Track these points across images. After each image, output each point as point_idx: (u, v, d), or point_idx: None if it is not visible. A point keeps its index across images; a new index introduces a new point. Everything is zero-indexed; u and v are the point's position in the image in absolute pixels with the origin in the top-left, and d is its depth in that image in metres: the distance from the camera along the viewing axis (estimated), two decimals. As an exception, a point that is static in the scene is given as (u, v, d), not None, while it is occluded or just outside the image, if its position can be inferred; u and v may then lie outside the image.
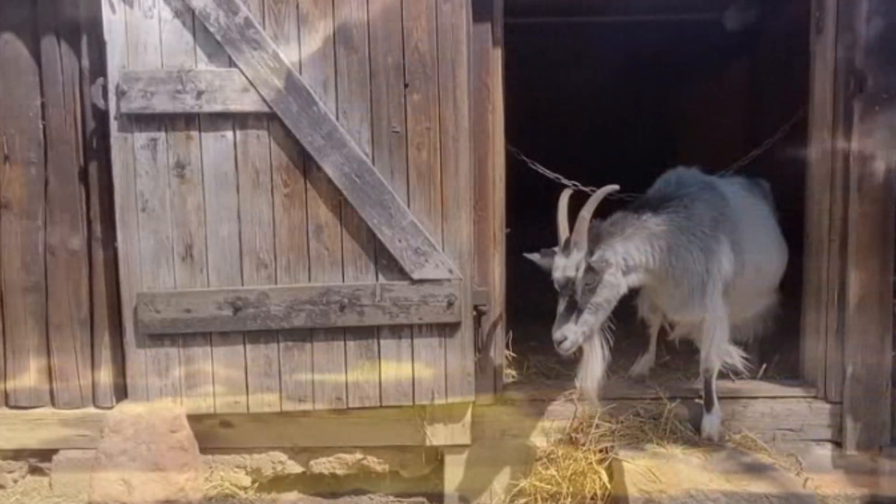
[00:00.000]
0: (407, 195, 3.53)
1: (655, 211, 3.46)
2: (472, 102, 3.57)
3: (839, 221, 3.67)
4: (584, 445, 3.58)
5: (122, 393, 3.67)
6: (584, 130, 7.53)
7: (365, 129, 3.51)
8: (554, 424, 3.74)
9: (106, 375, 3.74)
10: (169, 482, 3.42)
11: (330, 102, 3.49)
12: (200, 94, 3.43)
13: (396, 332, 3.58)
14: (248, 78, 3.43)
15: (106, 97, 3.49)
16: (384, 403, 3.61)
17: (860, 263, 3.62)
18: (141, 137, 3.47)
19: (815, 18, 3.73)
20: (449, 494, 3.76)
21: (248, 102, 3.45)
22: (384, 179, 3.50)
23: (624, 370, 4.09)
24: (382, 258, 3.54)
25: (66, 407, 3.76)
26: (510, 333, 4.02)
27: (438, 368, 3.61)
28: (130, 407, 3.53)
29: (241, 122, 3.49)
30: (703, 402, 3.71)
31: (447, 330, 3.59)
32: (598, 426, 3.64)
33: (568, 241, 3.30)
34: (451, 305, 3.54)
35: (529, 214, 4.66)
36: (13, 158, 3.67)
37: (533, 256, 3.47)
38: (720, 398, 3.71)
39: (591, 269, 3.25)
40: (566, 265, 3.27)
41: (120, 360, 3.68)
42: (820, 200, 3.76)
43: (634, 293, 3.69)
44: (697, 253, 3.47)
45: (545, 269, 3.39)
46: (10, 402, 3.78)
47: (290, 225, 3.53)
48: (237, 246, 3.53)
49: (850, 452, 3.70)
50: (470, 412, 3.71)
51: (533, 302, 4.24)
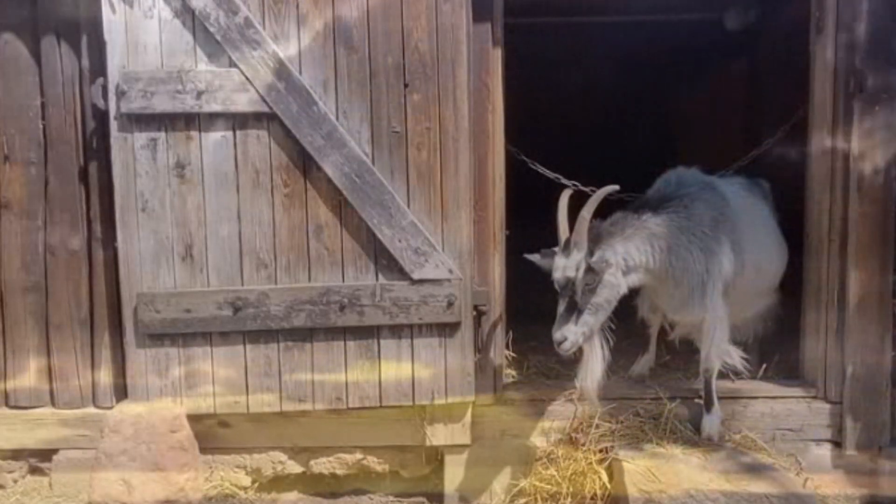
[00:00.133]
0: (407, 195, 3.53)
1: (655, 211, 3.47)
2: (472, 102, 3.57)
3: (839, 221, 3.67)
4: (584, 445, 3.58)
5: (122, 393, 3.67)
6: (584, 130, 7.52)
7: (365, 129, 3.51)
8: (554, 424, 3.74)
9: (106, 375, 3.74)
10: (169, 482, 3.42)
11: (330, 102, 3.49)
12: (200, 94, 3.43)
13: (396, 332, 3.58)
14: (248, 78, 3.43)
15: (106, 97, 3.49)
16: (384, 403, 3.61)
17: (860, 263, 3.62)
18: (141, 137, 3.47)
19: (815, 18, 3.73)
20: (449, 494, 3.76)
21: (248, 102, 3.45)
22: (384, 179, 3.50)
23: (624, 370, 4.09)
24: (382, 258, 3.54)
25: (66, 407, 3.76)
26: (510, 333, 4.02)
27: (438, 368, 3.61)
28: (130, 407, 3.53)
29: (241, 122, 3.49)
30: (703, 402, 3.71)
31: (447, 330, 3.59)
32: (598, 426, 3.64)
33: (568, 241, 3.30)
34: (451, 305, 3.54)
35: (529, 214, 4.66)
36: (13, 158, 3.67)
37: (533, 257, 3.47)
38: (720, 398, 3.71)
39: (591, 269, 3.25)
40: (566, 265, 3.27)
41: (120, 360, 3.68)
42: (820, 200, 3.76)
43: (634, 293, 3.69)
44: (697, 253, 3.47)
45: (545, 269, 3.39)
46: (10, 402, 3.78)
47: (290, 225, 3.53)
48: (237, 246, 3.53)
49: (849, 452, 3.70)
50: (470, 412, 3.71)
51: (533, 302, 4.23)
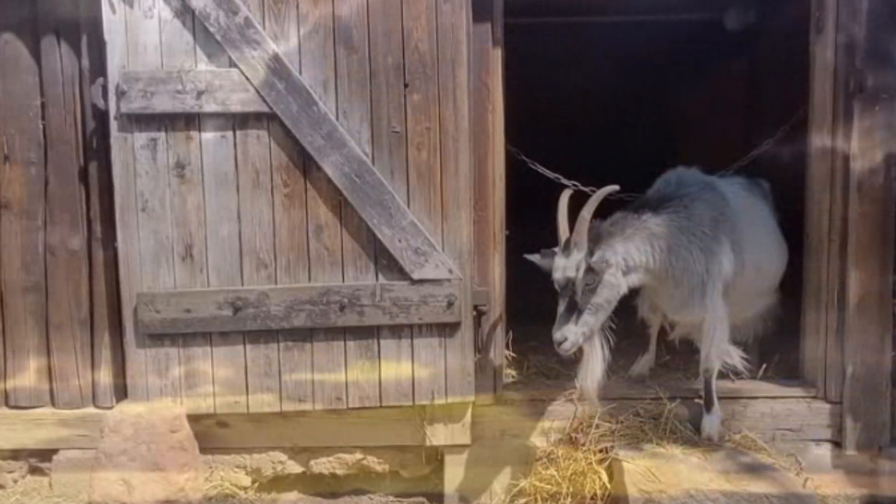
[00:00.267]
0: (407, 195, 3.53)
1: (655, 211, 3.47)
2: (472, 102, 3.57)
3: (839, 221, 3.67)
4: (584, 445, 3.58)
5: (121, 393, 3.67)
6: (584, 130, 7.52)
7: (365, 129, 3.51)
8: (554, 424, 3.74)
9: (106, 375, 3.75)
10: (169, 482, 3.42)
11: (330, 102, 3.49)
12: (200, 94, 3.43)
13: (396, 332, 3.58)
14: (248, 78, 3.43)
15: (106, 97, 3.49)
16: (384, 403, 3.61)
17: (860, 263, 3.62)
18: (141, 137, 3.47)
19: (814, 18, 3.73)
20: (449, 494, 3.76)
21: (248, 102, 3.45)
22: (384, 179, 3.50)
23: (624, 370, 4.10)
24: (382, 258, 3.54)
25: (65, 407, 3.76)
26: (510, 333, 4.02)
27: (438, 368, 3.61)
28: (130, 407, 3.53)
29: (241, 121, 3.49)
30: (703, 402, 3.71)
31: (447, 330, 3.59)
32: (598, 426, 3.64)
33: (568, 241, 3.30)
34: (451, 305, 3.54)
35: (529, 214, 4.66)
36: (13, 158, 3.67)
37: (533, 257, 3.47)
38: (720, 398, 3.71)
39: (591, 269, 3.25)
40: (566, 266, 3.27)
41: (120, 359, 3.68)
42: (820, 200, 3.76)
43: (634, 293, 3.69)
44: (697, 253, 3.47)
45: (545, 269, 3.39)
46: (10, 402, 3.78)
47: (290, 225, 3.53)
48: (237, 246, 3.53)
49: (849, 452, 3.70)
50: (470, 412, 3.71)
51: (533, 302, 4.23)
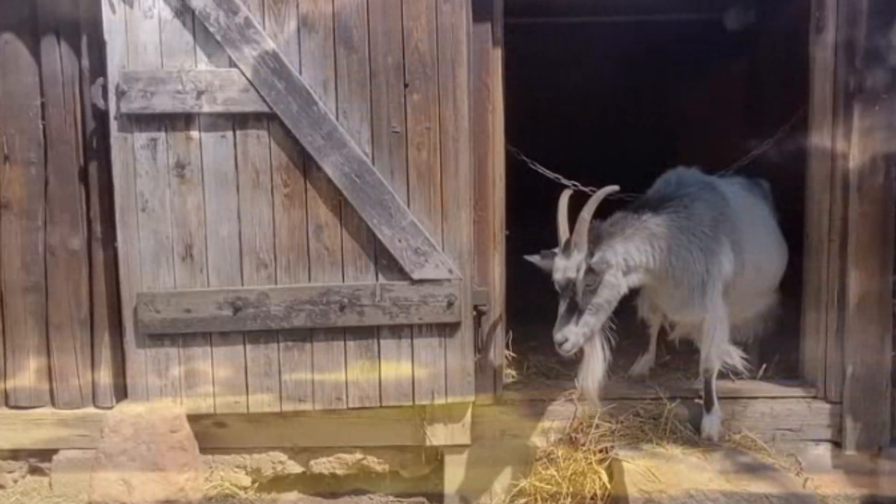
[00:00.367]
0: (407, 195, 3.53)
1: (655, 211, 3.47)
2: (472, 102, 3.57)
3: (839, 221, 3.67)
4: (584, 445, 3.58)
5: (121, 393, 3.67)
6: (584, 130, 7.52)
7: (365, 129, 3.51)
8: (554, 424, 3.74)
9: (106, 375, 3.74)
10: (169, 482, 3.42)
11: (330, 102, 3.49)
12: (200, 94, 3.43)
13: (396, 332, 3.58)
14: (248, 78, 3.43)
15: (106, 97, 3.49)
16: (384, 403, 3.61)
17: (860, 263, 3.62)
18: (141, 137, 3.47)
19: (815, 18, 3.73)
20: (449, 494, 3.76)
21: (248, 102, 3.45)
22: (384, 179, 3.50)
23: (624, 370, 4.09)
24: (382, 258, 3.54)
25: (65, 407, 3.76)
26: (510, 333, 4.02)
27: (438, 368, 3.61)
28: (130, 407, 3.53)
29: (241, 122, 3.49)
30: (703, 402, 3.71)
31: (447, 330, 3.59)
32: (598, 426, 3.64)
33: (568, 242, 3.30)
34: (451, 305, 3.54)
35: (529, 214, 4.66)
36: (13, 158, 3.67)
37: (533, 258, 3.47)
38: (720, 398, 3.72)
39: (591, 270, 3.25)
40: (567, 266, 3.27)
41: (120, 359, 3.68)
42: (820, 200, 3.76)
43: (634, 293, 3.69)
44: (697, 253, 3.47)
45: (545, 270, 3.39)
46: (9, 402, 3.77)
47: (290, 225, 3.53)
48: (237, 246, 3.53)
49: (849, 452, 3.70)
50: (470, 412, 3.71)
51: (533, 302, 4.23)
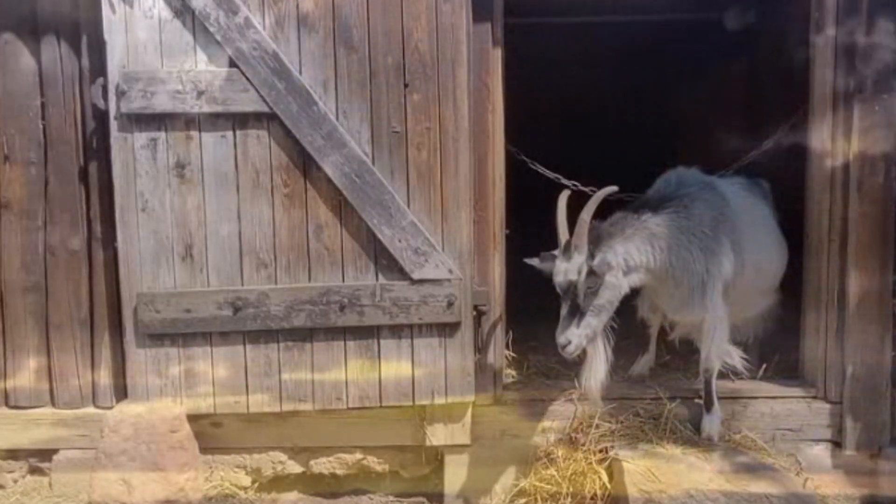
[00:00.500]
0: (407, 195, 3.53)
1: (655, 211, 3.46)
2: (472, 102, 3.57)
3: (839, 221, 3.67)
4: (584, 445, 3.58)
5: (121, 393, 3.67)
6: (584, 130, 7.51)
7: (365, 129, 3.51)
8: (554, 424, 3.74)
9: (106, 375, 3.74)
10: (169, 482, 3.42)
11: (330, 102, 3.49)
12: (200, 94, 3.43)
13: (396, 332, 3.58)
14: (248, 78, 3.43)
15: (106, 97, 3.49)
16: (384, 403, 3.61)
17: (860, 263, 3.62)
18: (141, 137, 3.47)
19: (814, 18, 3.72)
20: (449, 494, 3.76)
21: (248, 102, 3.45)
22: (384, 179, 3.50)
23: (624, 370, 4.09)
24: (382, 258, 3.54)
25: (65, 407, 3.76)
26: (510, 333, 4.02)
27: (438, 368, 3.61)
28: (130, 407, 3.53)
29: (241, 122, 3.49)
30: (703, 402, 3.71)
31: (447, 330, 3.59)
32: (598, 426, 3.64)
33: (568, 243, 3.29)
34: (450, 305, 3.54)
35: (529, 214, 4.66)
36: (13, 158, 3.67)
37: (533, 261, 3.46)
38: (720, 398, 3.72)
39: (592, 272, 3.24)
40: (567, 269, 3.26)
41: (120, 359, 3.68)
42: (820, 200, 3.76)
43: (634, 293, 3.68)
44: (697, 253, 3.47)
45: (546, 272, 3.38)
46: (9, 401, 3.77)
47: (290, 225, 3.53)
48: (237, 246, 3.53)
49: (849, 452, 3.70)
50: (470, 412, 3.71)
51: (533, 302, 4.23)
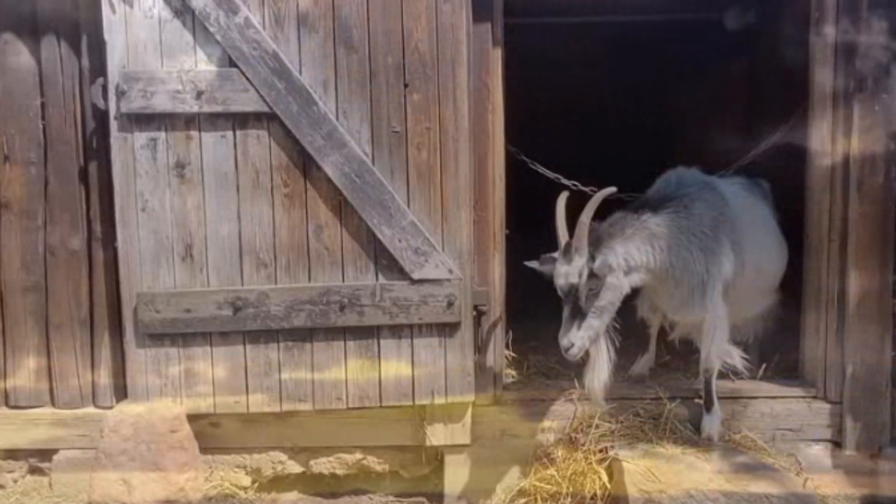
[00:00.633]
0: (407, 195, 3.53)
1: (655, 211, 3.46)
2: (472, 102, 3.57)
3: (839, 221, 3.67)
4: (583, 445, 3.58)
5: (121, 393, 3.67)
6: (584, 130, 7.52)
7: (365, 129, 3.51)
8: (554, 424, 3.74)
9: (106, 375, 3.74)
10: (169, 482, 3.42)
11: (330, 102, 3.49)
12: (200, 94, 3.43)
13: (396, 332, 3.58)
14: (247, 78, 3.43)
15: (106, 97, 3.49)
16: (384, 403, 3.61)
17: (860, 263, 3.62)
18: (141, 137, 3.47)
19: (814, 18, 3.72)
20: (449, 494, 3.75)
21: (248, 102, 3.45)
22: (384, 179, 3.50)
23: (624, 370, 4.09)
24: (382, 258, 3.54)
25: (65, 407, 3.76)
26: (510, 333, 4.02)
27: (438, 368, 3.60)
28: (130, 407, 3.53)
29: (241, 122, 3.49)
30: (702, 402, 3.71)
31: (447, 330, 3.59)
32: (597, 426, 3.64)
33: (568, 246, 3.27)
34: (450, 305, 3.54)
35: (529, 214, 4.66)
36: (13, 158, 3.67)
37: (533, 264, 3.45)
38: (720, 398, 3.71)
39: (593, 274, 3.24)
40: (568, 272, 3.25)
41: (120, 359, 3.68)
42: (820, 200, 3.76)
43: (634, 293, 3.68)
44: (697, 253, 3.47)
45: (546, 275, 3.38)
46: (9, 401, 3.77)
47: (290, 225, 3.53)
48: (237, 246, 3.53)
49: (849, 452, 3.70)
50: (470, 412, 3.71)
51: (533, 302, 4.23)
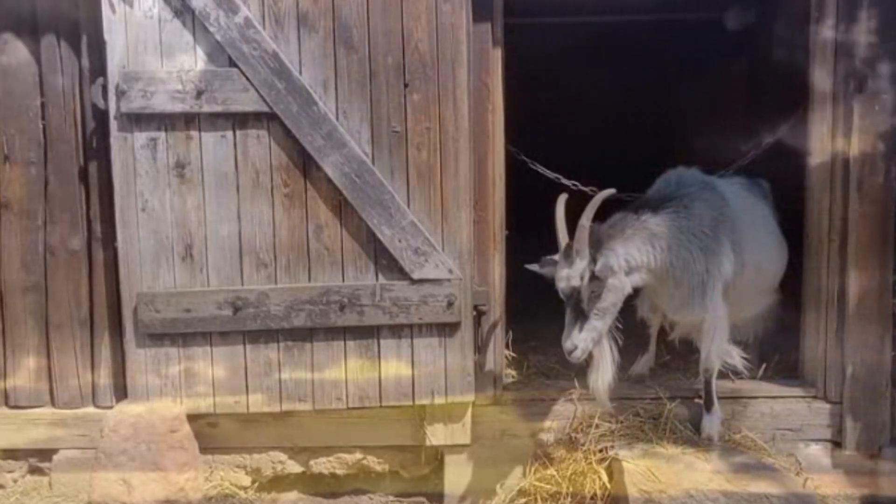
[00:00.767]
0: (407, 195, 3.53)
1: (655, 211, 3.46)
2: (472, 102, 3.57)
3: (839, 221, 3.67)
4: (583, 445, 3.59)
5: (121, 393, 3.67)
6: (584, 130, 7.51)
7: (365, 129, 3.51)
8: (554, 424, 3.74)
9: (106, 375, 3.74)
10: (169, 482, 3.42)
11: (330, 102, 3.49)
12: (200, 94, 3.43)
13: (396, 331, 3.58)
14: (247, 78, 3.43)
15: (106, 97, 3.49)
16: (384, 403, 3.61)
17: (860, 263, 3.62)
18: (141, 137, 3.47)
19: (814, 18, 3.72)
20: (449, 494, 3.75)
21: (248, 102, 3.45)
22: (384, 179, 3.50)
23: (624, 370, 4.08)
24: (382, 258, 3.54)
25: (65, 407, 3.76)
26: (510, 333, 4.02)
27: (438, 368, 3.61)
28: (130, 407, 3.53)
29: (241, 122, 3.49)
30: (702, 402, 3.71)
31: (447, 330, 3.59)
32: (597, 426, 3.64)
33: (569, 248, 3.27)
34: (450, 305, 3.54)
35: (529, 214, 4.65)
36: (13, 158, 3.67)
37: (533, 267, 3.45)
38: (720, 398, 3.71)
39: (595, 276, 3.24)
40: (570, 275, 3.25)
41: (120, 359, 3.68)
42: (820, 200, 3.76)
43: (635, 293, 3.68)
44: (697, 253, 3.47)
45: (547, 278, 3.38)
46: (9, 401, 3.77)
47: (290, 225, 3.53)
48: (237, 246, 3.53)
49: (849, 452, 3.70)
50: (470, 412, 3.71)
51: (533, 302, 4.23)
